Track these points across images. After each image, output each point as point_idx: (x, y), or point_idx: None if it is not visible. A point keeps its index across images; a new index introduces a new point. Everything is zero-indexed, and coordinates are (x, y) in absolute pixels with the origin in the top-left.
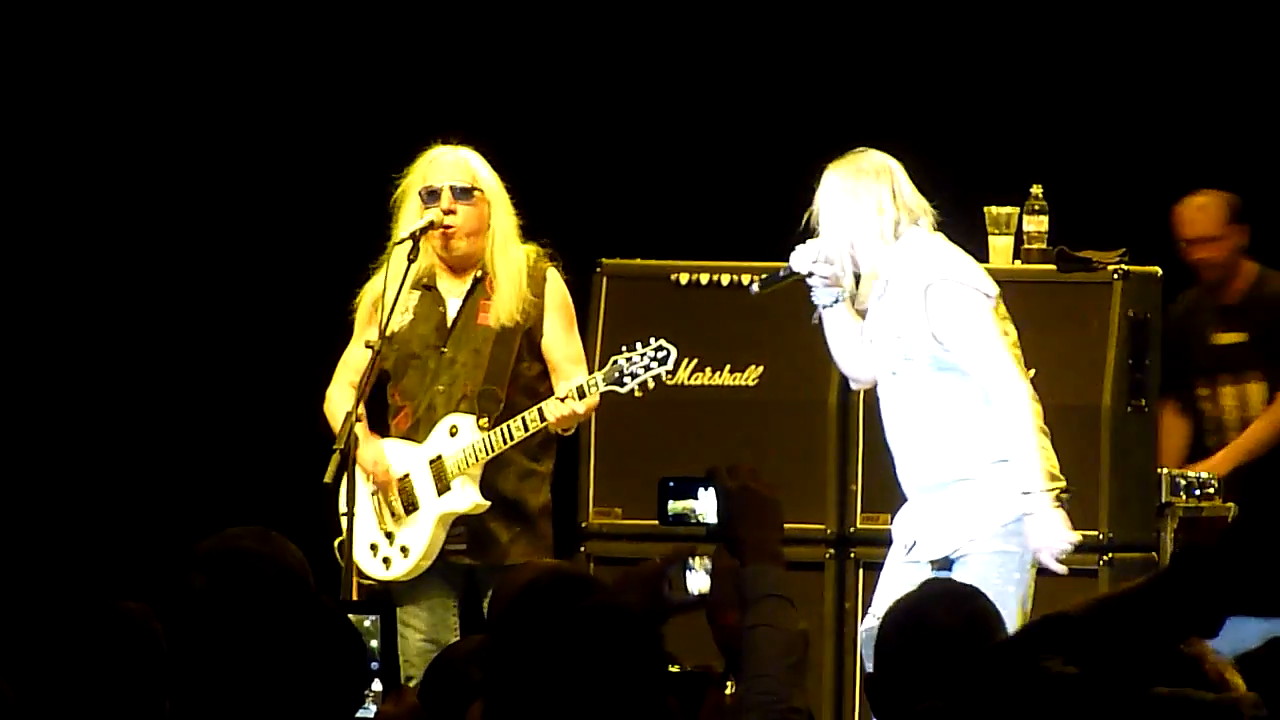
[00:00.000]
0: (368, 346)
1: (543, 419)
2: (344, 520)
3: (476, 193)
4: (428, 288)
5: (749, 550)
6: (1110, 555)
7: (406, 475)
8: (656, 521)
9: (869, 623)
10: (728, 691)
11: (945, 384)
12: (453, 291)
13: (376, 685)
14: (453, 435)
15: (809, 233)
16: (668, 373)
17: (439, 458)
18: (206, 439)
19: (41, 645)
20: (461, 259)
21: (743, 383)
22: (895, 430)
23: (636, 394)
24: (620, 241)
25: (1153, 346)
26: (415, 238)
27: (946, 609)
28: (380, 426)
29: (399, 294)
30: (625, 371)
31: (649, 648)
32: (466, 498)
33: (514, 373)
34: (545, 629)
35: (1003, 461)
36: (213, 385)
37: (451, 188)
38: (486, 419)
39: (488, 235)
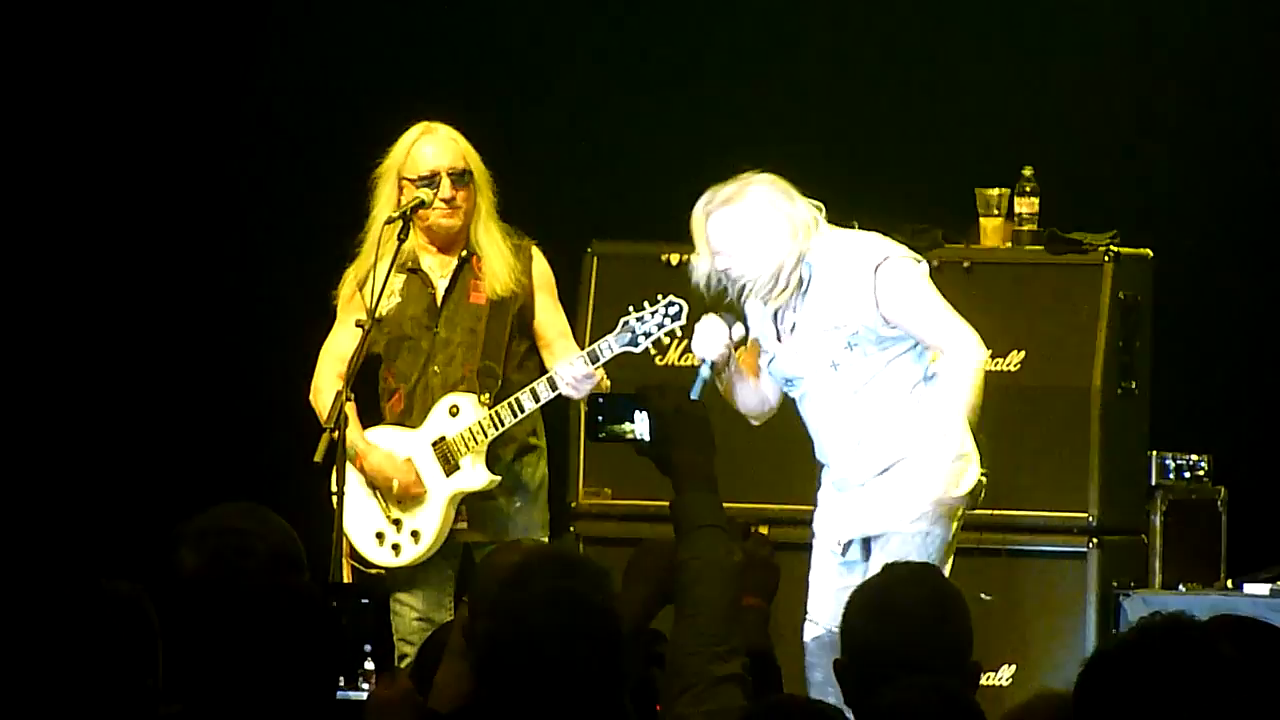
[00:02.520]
0: (358, 325)
1: (553, 389)
2: (334, 499)
3: (469, 175)
4: (413, 270)
5: (683, 475)
6: (1099, 538)
7: (408, 460)
8: (647, 502)
9: (812, 630)
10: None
11: (890, 367)
12: (439, 271)
13: (369, 665)
14: (454, 415)
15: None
16: (681, 328)
17: (442, 439)
18: (197, 419)
19: (30, 625)
20: (451, 238)
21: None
22: (833, 425)
23: (651, 352)
24: (610, 223)
25: (1143, 329)
26: (406, 217)
27: (911, 590)
28: (373, 410)
29: (389, 273)
30: (638, 331)
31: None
32: (479, 476)
33: (508, 349)
34: (530, 612)
35: (933, 440)
36: (203, 365)
37: (450, 173)
38: (488, 395)
39: (473, 213)
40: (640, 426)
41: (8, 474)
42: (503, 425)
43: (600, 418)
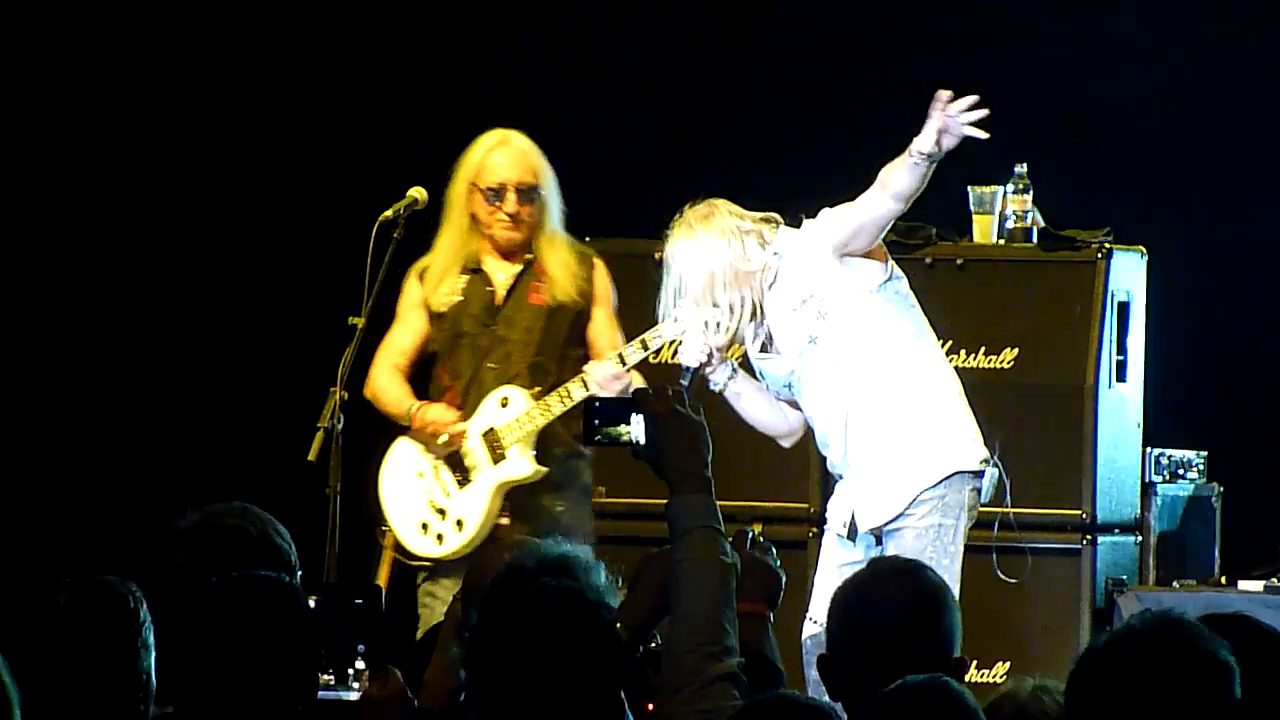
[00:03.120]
0: (350, 325)
1: (585, 388)
2: (329, 494)
3: (537, 191)
4: (475, 270)
5: (678, 477)
6: (1093, 535)
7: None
8: (641, 501)
9: (810, 630)
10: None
11: (865, 334)
12: (500, 272)
13: (360, 665)
14: (504, 406)
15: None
16: None
17: (491, 429)
18: (191, 416)
19: (20, 624)
20: (513, 248)
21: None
22: (824, 404)
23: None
24: (603, 220)
25: (1137, 326)
26: (398, 219)
27: (893, 585)
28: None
29: (381, 274)
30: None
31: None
32: (525, 465)
33: (562, 352)
34: (521, 610)
35: (923, 419)
36: (197, 363)
37: (517, 188)
38: (539, 389)
39: (537, 226)
40: (636, 429)
41: (3, 472)
42: (551, 413)
43: (596, 421)
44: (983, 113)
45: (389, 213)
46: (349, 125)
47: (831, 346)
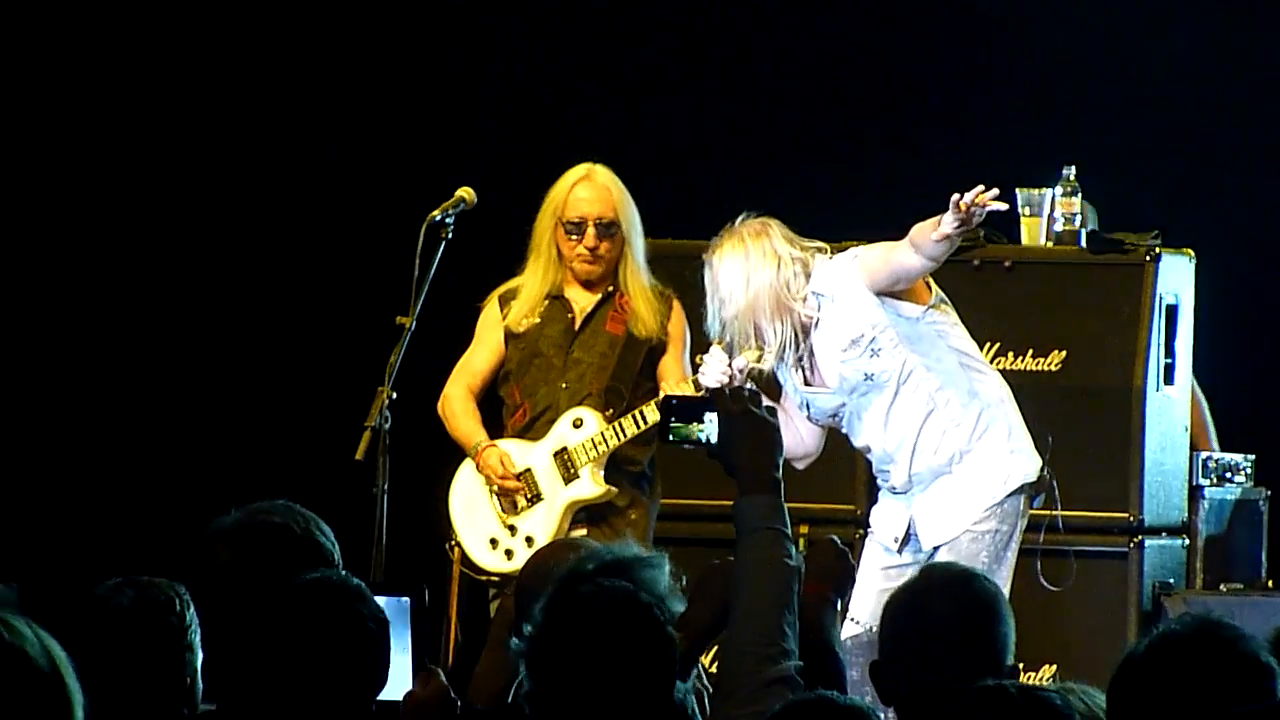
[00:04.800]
0: (398, 324)
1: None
2: (376, 493)
3: (616, 226)
4: (557, 297)
5: (745, 476)
6: (1140, 538)
7: (528, 470)
8: (706, 502)
9: (851, 630)
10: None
11: (921, 360)
12: (581, 300)
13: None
14: (577, 427)
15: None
16: None
17: (564, 449)
18: (241, 415)
19: (73, 623)
20: (592, 281)
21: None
22: (885, 434)
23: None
24: (647, 221)
25: (1185, 329)
26: (448, 217)
27: (947, 594)
28: (495, 422)
29: (429, 276)
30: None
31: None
32: (595, 486)
33: (636, 381)
34: (579, 611)
35: (985, 437)
36: (248, 363)
37: (596, 223)
38: (611, 411)
39: (620, 255)
40: (709, 428)
41: (48, 469)
42: (624, 435)
43: (672, 419)
44: (995, 191)
45: (437, 213)
46: (398, 124)
47: (890, 381)
